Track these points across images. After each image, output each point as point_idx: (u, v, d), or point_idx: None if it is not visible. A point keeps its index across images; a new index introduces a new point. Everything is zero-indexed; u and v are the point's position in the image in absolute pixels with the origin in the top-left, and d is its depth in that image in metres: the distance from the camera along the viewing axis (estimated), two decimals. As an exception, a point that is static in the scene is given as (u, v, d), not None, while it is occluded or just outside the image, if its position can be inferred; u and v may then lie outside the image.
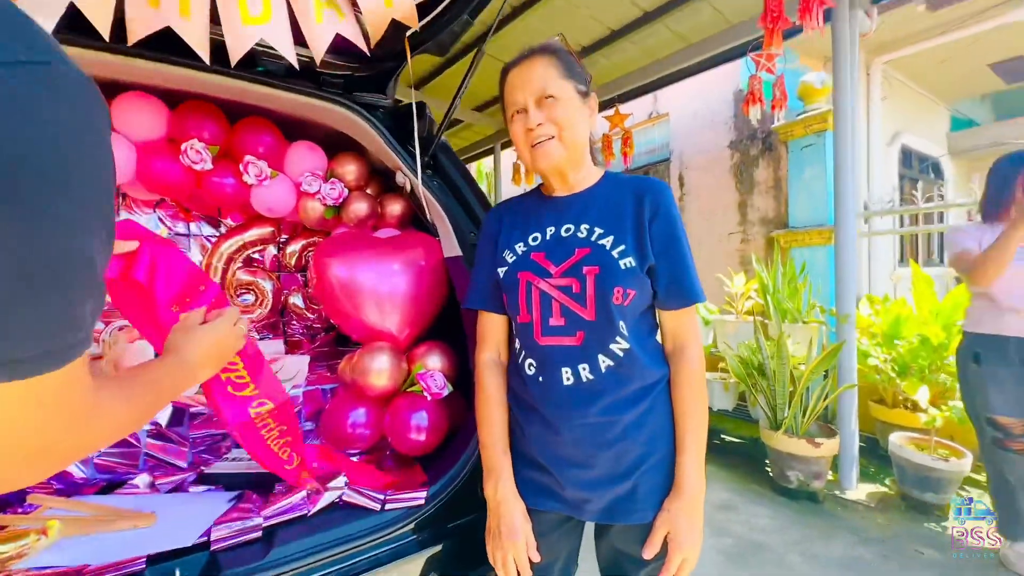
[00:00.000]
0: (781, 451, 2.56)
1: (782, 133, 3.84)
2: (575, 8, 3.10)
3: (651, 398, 0.87)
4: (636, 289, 0.85)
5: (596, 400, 0.84)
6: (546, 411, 0.87)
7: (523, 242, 0.93)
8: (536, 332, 0.88)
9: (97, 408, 0.44)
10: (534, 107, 0.86)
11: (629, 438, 0.85)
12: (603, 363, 0.85)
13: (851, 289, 2.61)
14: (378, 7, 1.05)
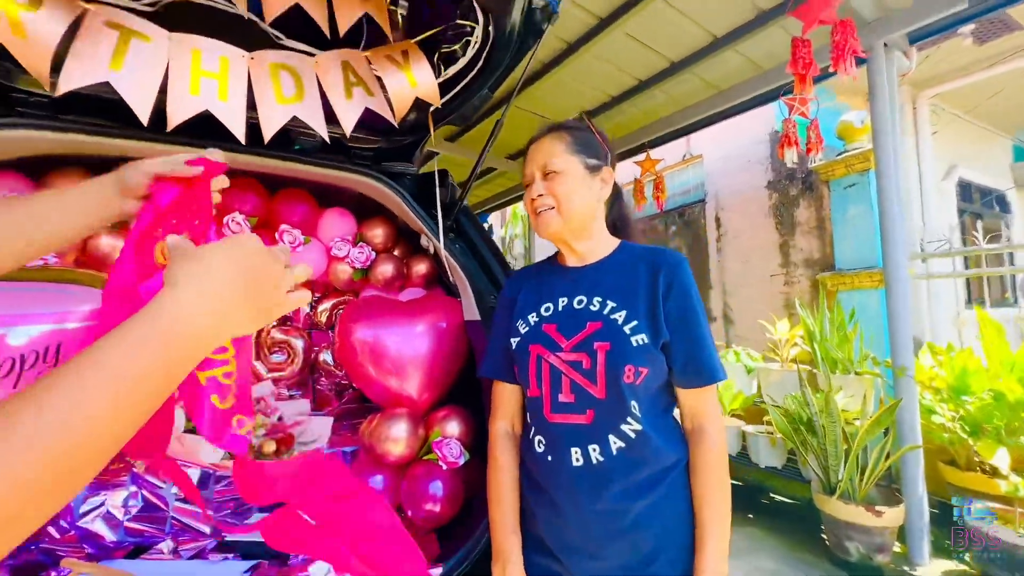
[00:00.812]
0: (837, 518, 2.33)
1: (823, 173, 3.72)
2: (603, 63, 3.18)
3: (667, 483, 0.83)
4: (649, 367, 0.82)
5: (606, 485, 0.80)
6: (554, 493, 0.83)
7: (536, 312, 0.93)
8: (546, 408, 0.86)
9: None
10: (540, 179, 0.92)
11: (642, 528, 0.80)
12: (614, 444, 0.81)
13: (906, 338, 2.42)
14: (403, 86, 1.12)
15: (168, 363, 0.35)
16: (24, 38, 0.76)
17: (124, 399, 0.32)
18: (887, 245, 2.46)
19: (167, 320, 0.36)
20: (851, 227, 3.58)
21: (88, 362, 0.32)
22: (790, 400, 2.75)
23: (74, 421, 0.29)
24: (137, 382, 0.33)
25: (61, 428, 0.29)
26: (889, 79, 2.53)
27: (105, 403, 0.31)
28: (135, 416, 0.33)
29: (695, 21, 2.78)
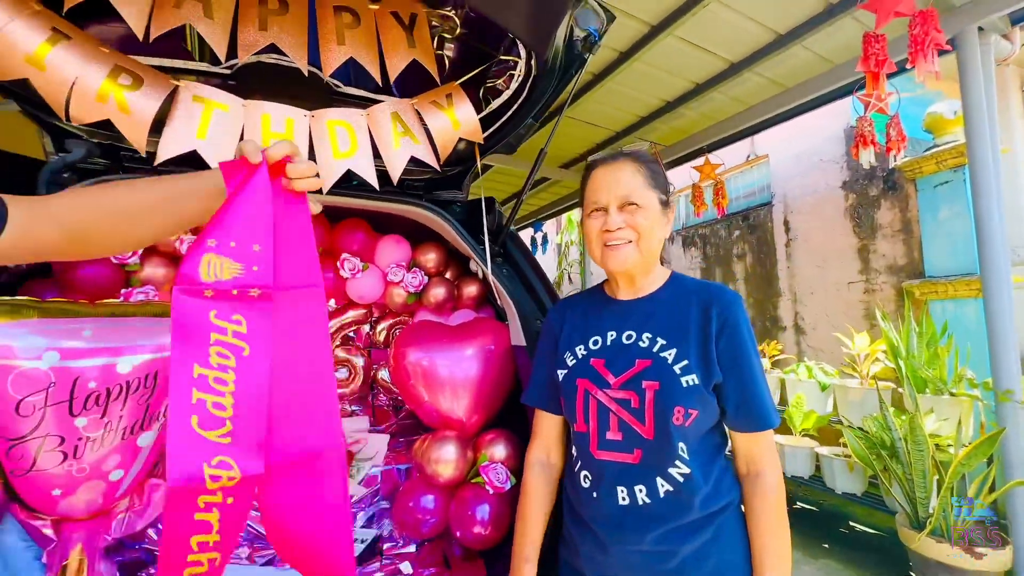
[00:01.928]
0: (927, 557, 2.10)
1: (908, 170, 3.39)
2: (656, 69, 3.11)
3: (715, 527, 0.80)
4: (699, 409, 0.80)
5: (652, 526, 0.80)
6: (599, 530, 0.84)
7: (583, 345, 0.92)
8: (592, 444, 0.86)
9: None
10: (616, 210, 0.87)
11: (689, 571, 0.79)
12: (661, 487, 0.80)
13: (1011, 356, 2.14)
14: (446, 128, 1.18)
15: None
16: (128, 114, 0.88)
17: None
18: (984, 249, 2.21)
19: None
20: (944, 229, 3.23)
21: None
22: (870, 422, 2.52)
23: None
24: None
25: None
26: (984, 66, 2.27)
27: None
28: None
29: (755, 20, 2.65)
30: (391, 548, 1.24)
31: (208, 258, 0.59)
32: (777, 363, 3.81)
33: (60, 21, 0.87)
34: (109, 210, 0.63)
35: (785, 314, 4.45)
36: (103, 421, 0.98)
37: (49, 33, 0.84)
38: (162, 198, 0.65)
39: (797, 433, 3.19)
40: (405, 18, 1.06)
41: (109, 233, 0.64)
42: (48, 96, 0.85)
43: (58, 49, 0.84)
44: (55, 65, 0.84)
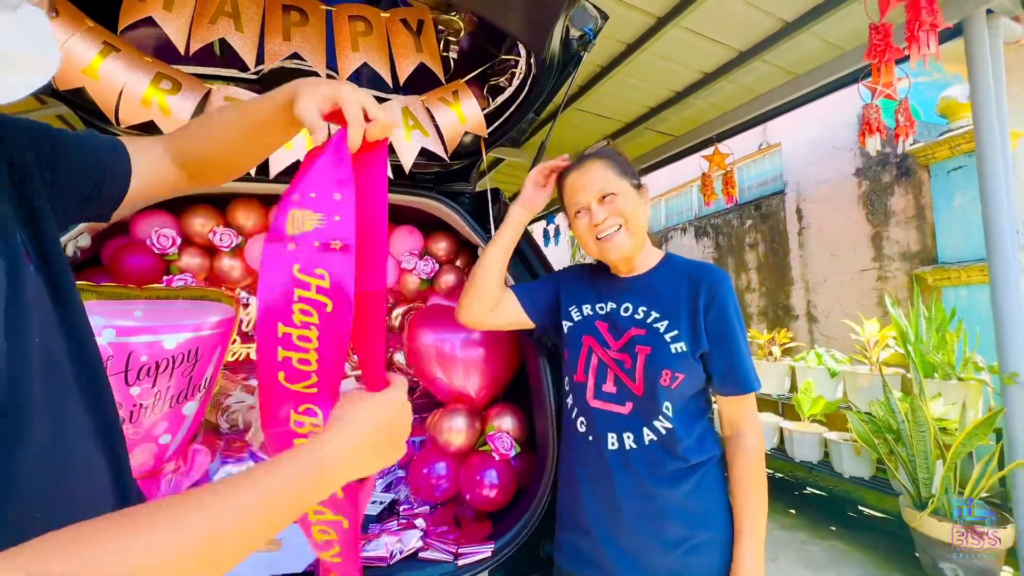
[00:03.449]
0: (930, 536, 2.15)
1: (921, 156, 3.36)
2: (664, 60, 3.14)
3: (696, 478, 0.90)
4: (685, 373, 0.89)
5: (637, 469, 0.90)
6: (592, 471, 0.94)
7: (591, 305, 1.02)
8: (589, 394, 0.96)
9: None
10: (597, 204, 0.95)
11: (669, 516, 0.88)
12: (647, 436, 0.90)
13: (1017, 340, 2.15)
14: (453, 123, 1.27)
15: (306, 494, 0.43)
16: (169, 115, 1.00)
17: (264, 510, 0.39)
18: (991, 233, 2.21)
19: (315, 467, 0.44)
20: (958, 215, 3.20)
21: (247, 480, 0.39)
22: (876, 406, 2.56)
23: (226, 521, 0.36)
24: (279, 502, 0.40)
25: (214, 524, 0.35)
26: (993, 49, 2.26)
27: (252, 511, 0.38)
28: (269, 525, 0.39)
29: (762, 8, 2.66)
30: (407, 510, 1.35)
31: (293, 213, 0.57)
32: (788, 351, 3.83)
33: (109, 35, 0.99)
34: (218, 140, 0.65)
35: (798, 303, 4.45)
36: (153, 391, 1.11)
37: (101, 46, 0.96)
38: (258, 120, 0.64)
39: (805, 419, 3.22)
40: (413, 24, 1.15)
41: (222, 163, 0.68)
42: (100, 102, 0.98)
43: (109, 60, 0.96)
44: (106, 75, 0.96)
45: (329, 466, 0.45)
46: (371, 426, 0.50)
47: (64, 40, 0.94)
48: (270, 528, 0.39)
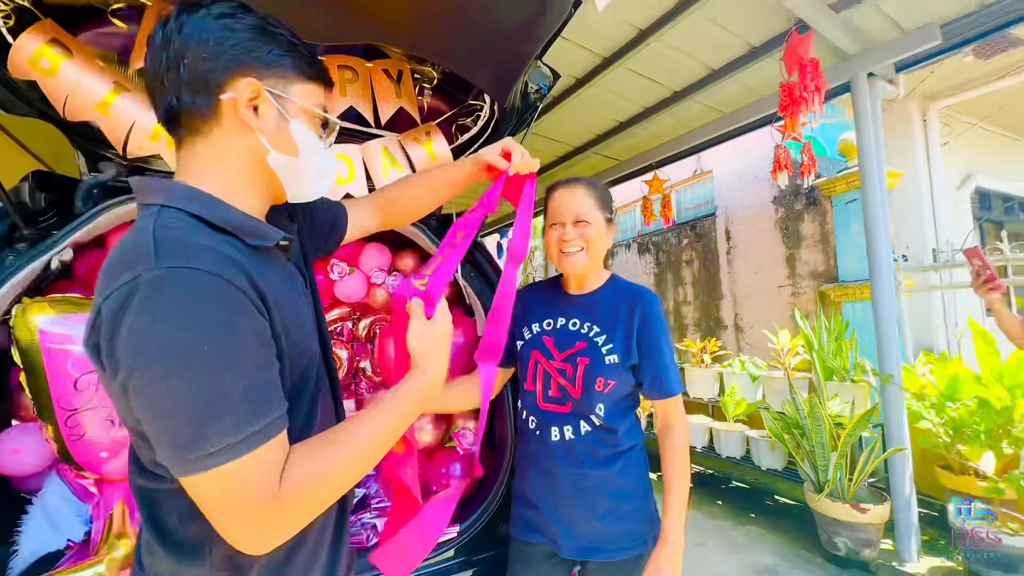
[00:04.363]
0: (826, 515, 2.52)
1: (825, 189, 3.89)
2: (610, 94, 3.47)
3: (621, 461, 1.11)
4: (616, 381, 1.10)
5: (575, 453, 1.10)
6: (541, 459, 1.14)
7: (539, 323, 1.21)
8: (538, 399, 1.16)
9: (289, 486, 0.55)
10: (571, 226, 1.12)
11: (600, 492, 1.09)
12: (583, 428, 1.11)
13: (893, 347, 2.60)
14: (425, 159, 1.45)
15: (424, 401, 0.71)
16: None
17: (392, 428, 0.66)
18: (873, 260, 2.65)
19: (418, 392, 0.70)
20: (854, 240, 3.73)
21: (390, 400, 0.67)
22: (787, 406, 2.95)
23: (371, 437, 0.63)
24: (399, 420, 0.67)
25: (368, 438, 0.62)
26: (872, 108, 2.73)
27: (386, 429, 0.65)
28: (394, 438, 0.67)
29: (693, 56, 3.04)
30: (379, 502, 1.49)
31: None
32: (717, 358, 4.24)
33: (120, 75, 1.09)
34: (407, 198, 1.00)
35: (727, 315, 4.91)
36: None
37: (112, 86, 1.07)
38: (438, 182, 1.00)
39: (731, 419, 3.60)
40: (393, 73, 1.33)
41: (407, 215, 1.04)
42: (110, 135, 1.08)
43: (121, 98, 1.07)
44: (119, 111, 1.07)
45: (426, 391, 0.71)
46: (444, 347, 0.77)
47: (76, 78, 1.04)
48: (396, 432, 0.67)
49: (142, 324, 0.49)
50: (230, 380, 0.51)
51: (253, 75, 0.61)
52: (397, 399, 0.68)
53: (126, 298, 0.50)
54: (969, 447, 2.54)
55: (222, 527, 0.53)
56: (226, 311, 0.53)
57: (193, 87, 0.59)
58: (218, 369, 0.50)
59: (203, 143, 0.62)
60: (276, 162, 0.65)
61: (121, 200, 1.33)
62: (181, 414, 0.49)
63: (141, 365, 0.49)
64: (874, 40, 2.68)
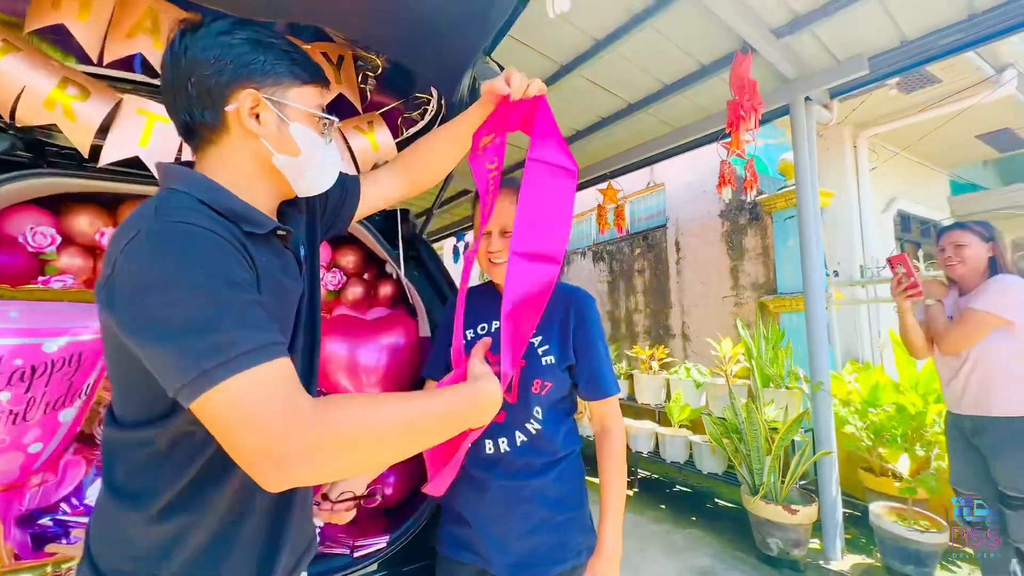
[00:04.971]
0: (760, 517, 2.61)
1: (766, 205, 4.09)
2: (566, 102, 3.51)
3: (558, 468, 1.07)
4: (553, 382, 1.06)
5: (510, 465, 1.05)
6: (473, 471, 1.07)
7: (472, 329, 1.16)
8: None
9: (318, 410, 0.53)
10: (498, 235, 1.08)
11: (535, 501, 1.04)
12: (519, 438, 1.06)
13: (823, 356, 2.74)
14: (367, 149, 1.39)
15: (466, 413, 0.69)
16: (74, 121, 1.01)
17: (443, 415, 0.65)
18: (806, 274, 2.80)
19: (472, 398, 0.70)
20: (791, 254, 3.94)
21: (436, 394, 0.67)
22: (727, 411, 3.05)
23: (413, 419, 0.60)
24: (454, 411, 0.67)
25: (417, 412, 0.61)
26: (808, 129, 2.90)
27: (437, 413, 0.64)
28: (442, 426, 0.65)
29: (645, 70, 3.12)
30: (304, 512, 1.40)
31: None
32: (665, 365, 4.35)
33: (12, 34, 0.97)
34: (427, 156, 1.02)
35: (675, 323, 5.07)
36: (27, 396, 1.06)
37: (0, 43, 0.95)
38: (454, 134, 1.01)
39: (676, 424, 3.69)
40: (333, 58, 1.26)
41: (431, 173, 1.03)
42: (-5, 98, 0.96)
43: (9, 59, 0.95)
44: (5, 72, 0.95)
45: (484, 400, 0.72)
46: (492, 390, 0.76)
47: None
48: (442, 428, 0.65)
49: (141, 260, 0.54)
50: (228, 302, 0.54)
51: (252, 86, 0.66)
52: (450, 394, 0.68)
53: (127, 247, 0.54)
54: (888, 450, 2.72)
55: (241, 451, 0.52)
56: (221, 255, 0.57)
57: (201, 103, 0.65)
58: (215, 292, 0.53)
59: (215, 150, 0.69)
60: (280, 162, 0.70)
61: (14, 176, 1.19)
62: (184, 333, 0.51)
63: (141, 293, 0.53)
64: (811, 66, 2.85)
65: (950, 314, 1.87)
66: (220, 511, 0.65)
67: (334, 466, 0.54)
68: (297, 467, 0.51)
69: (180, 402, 0.52)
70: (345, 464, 0.56)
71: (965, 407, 1.81)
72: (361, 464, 0.58)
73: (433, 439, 0.65)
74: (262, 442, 0.51)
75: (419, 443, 0.63)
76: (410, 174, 1.02)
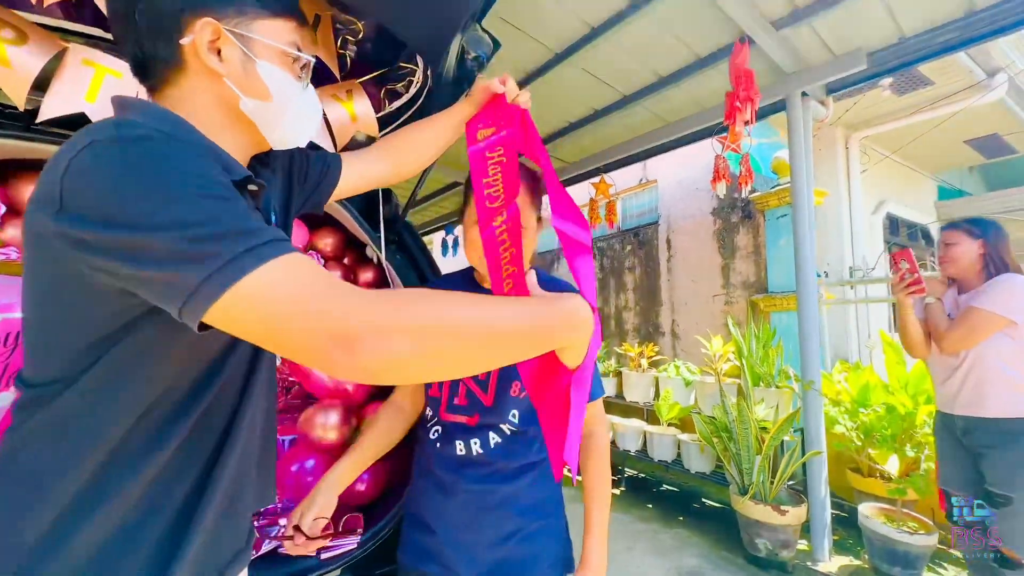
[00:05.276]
0: (749, 517, 2.56)
1: (758, 203, 4.06)
2: (560, 93, 3.43)
3: (534, 472, 0.98)
4: None
5: (481, 471, 0.96)
6: (441, 474, 0.97)
7: None
8: (442, 407, 1.00)
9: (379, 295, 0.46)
10: None
11: (507, 508, 0.95)
12: (492, 440, 0.96)
13: (814, 356, 2.70)
14: (344, 120, 1.29)
15: (554, 328, 0.57)
16: (10, 68, 0.89)
17: (528, 324, 0.53)
18: (800, 274, 2.76)
19: (565, 312, 0.58)
20: (782, 253, 3.92)
21: (522, 300, 0.58)
22: (716, 410, 3.00)
23: (493, 319, 0.50)
24: (539, 322, 0.55)
25: (488, 315, 0.50)
26: (805, 125, 2.85)
27: (521, 319, 0.53)
28: (526, 338, 0.54)
29: (641, 61, 3.05)
30: (271, 507, 1.29)
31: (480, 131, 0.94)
32: (654, 363, 4.30)
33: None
34: (413, 141, 0.96)
35: (665, 321, 5.03)
36: (-46, 378, 0.95)
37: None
38: (442, 125, 0.96)
39: (664, 423, 3.64)
40: (309, 17, 1.16)
41: (414, 159, 0.97)
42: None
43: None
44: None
45: (576, 316, 0.59)
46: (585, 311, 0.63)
47: None
48: (526, 338, 0.54)
49: (112, 166, 0.46)
50: (234, 200, 0.48)
51: (211, 14, 0.57)
52: (535, 303, 0.57)
53: (82, 157, 0.46)
54: (878, 451, 2.69)
55: (299, 338, 0.43)
56: (208, 159, 0.51)
57: (152, 34, 0.57)
58: (217, 189, 0.47)
59: (173, 92, 0.60)
60: (249, 108, 0.61)
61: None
62: (195, 226, 0.44)
63: (125, 199, 0.44)
64: (808, 61, 2.80)
65: (949, 312, 1.83)
66: (130, 502, 0.55)
67: (407, 353, 0.45)
68: (368, 348, 0.43)
69: (192, 313, 0.44)
70: (418, 354, 0.45)
71: (958, 407, 1.78)
72: (433, 360, 0.47)
73: (514, 349, 0.54)
74: (326, 322, 0.43)
75: (498, 349, 0.52)
76: (393, 158, 0.96)
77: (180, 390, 0.57)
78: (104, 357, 0.52)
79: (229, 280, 0.42)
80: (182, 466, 0.60)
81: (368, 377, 0.45)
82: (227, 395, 0.64)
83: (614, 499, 3.46)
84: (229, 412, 0.65)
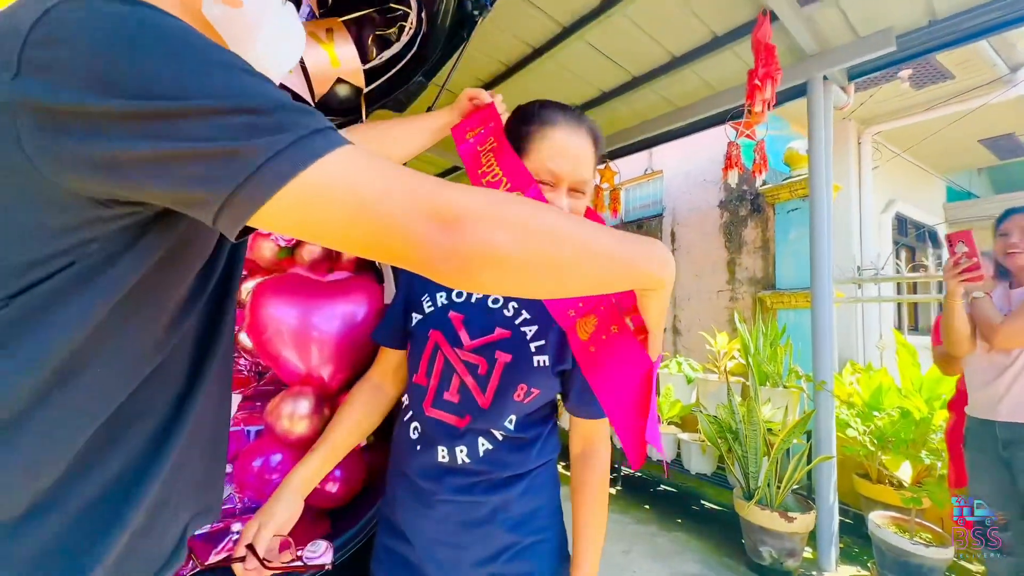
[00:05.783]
0: (753, 523, 2.43)
1: (769, 196, 3.90)
2: (566, 71, 3.25)
3: (526, 481, 0.83)
4: (541, 389, 0.81)
5: (467, 481, 0.80)
6: (420, 482, 0.82)
7: (446, 293, 0.88)
8: (427, 400, 0.83)
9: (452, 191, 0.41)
10: (566, 192, 0.78)
11: (495, 522, 0.80)
12: (482, 447, 0.80)
13: (828, 356, 2.56)
14: (323, 63, 1.11)
15: (638, 265, 0.51)
16: None
17: (617, 252, 0.48)
18: (815, 268, 2.61)
19: (651, 250, 0.52)
20: (792, 249, 3.77)
21: (616, 231, 0.50)
22: (721, 409, 2.86)
23: (586, 236, 0.46)
24: (627, 254, 0.49)
25: (583, 232, 0.45)
26: (826, 111, 2.69)
27: (612, 246, 0.48)
28: (608, 264, 0.48)
29: (654, 39, 2.88)
30: (229, 509, 1.13)
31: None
32: (654, 359, 4.16)
33: None
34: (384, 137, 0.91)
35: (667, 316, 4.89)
36: None
37: None
38: (417, 127, 0.93)
39: (664, 421, 3.50)
40: (282, -65, 0.99)
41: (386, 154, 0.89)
42: None
43: None
44: None
45: (660, 252, 0.53)
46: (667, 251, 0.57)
47: None
48: (615, 266, 0.49)
49: (105, 24, 0.35)
50: (262, 78, 0.39)
51: None
52: (620, 233, 0.51)
53: (55, 15, 0.35)
54: (891, 456, 2.55)
55: (389, 223, 0.38)
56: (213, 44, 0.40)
57: None
58: (240, 63, 0.38)
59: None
60: (214, 14, 0.50)
61: None
62: (231, 100, 0.35)
63: (130, 63, 0.34)
64: (831, 42, 2.63)
65: (1000, 309, 1.67)
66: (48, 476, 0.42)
67: (508, 246, 0.41)
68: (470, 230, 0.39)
69: (249, 200, 0.35)
70: (518, 249, 0.41)
71: (1003, 412, 1.62)
72: (529, 261, 0.42)
73: (606, 272, 0.49)
74: (425, 201, 0.39)
75: (591, 267, 0.47)
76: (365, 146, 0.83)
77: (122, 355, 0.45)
78: (26, 292, 0.38)
79: (308, 157, 0.35)
80: (104, 447, 0.46)
81: (463, 265, 0.40)
82: (173, 372, 0.53)
83: (611, 499, 3.33)
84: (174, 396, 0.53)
